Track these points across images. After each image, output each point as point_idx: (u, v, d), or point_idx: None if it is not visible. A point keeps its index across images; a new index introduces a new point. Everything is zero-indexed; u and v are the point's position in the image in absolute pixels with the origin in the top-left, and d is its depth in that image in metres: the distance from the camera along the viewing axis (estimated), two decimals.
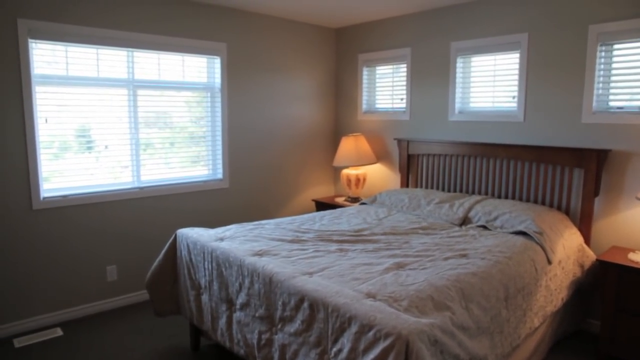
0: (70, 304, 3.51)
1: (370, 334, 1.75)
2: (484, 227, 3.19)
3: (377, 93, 4.74)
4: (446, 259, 2.53)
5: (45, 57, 3.28)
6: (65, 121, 3.39)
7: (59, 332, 3.30)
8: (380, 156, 4.71)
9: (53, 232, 3.39)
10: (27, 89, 3.18)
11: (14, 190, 3.19)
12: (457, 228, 3.21)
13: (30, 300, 3.33)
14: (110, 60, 3.55)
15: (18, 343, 3.13)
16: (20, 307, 3.29)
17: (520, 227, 3.00)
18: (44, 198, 3.34)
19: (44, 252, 3.36)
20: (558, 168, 3.36)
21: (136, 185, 3.78)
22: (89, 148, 3.53)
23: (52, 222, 3.37)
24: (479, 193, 3.81)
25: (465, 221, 3.31)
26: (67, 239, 3.45)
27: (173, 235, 3.04)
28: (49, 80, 3.30)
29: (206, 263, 2.71)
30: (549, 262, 2.79)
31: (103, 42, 3.46)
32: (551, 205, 3.40)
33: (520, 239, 2.87)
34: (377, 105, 4.75)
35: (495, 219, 3.18)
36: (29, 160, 3.22)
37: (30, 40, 3.17)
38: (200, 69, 4.07)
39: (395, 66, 4.52)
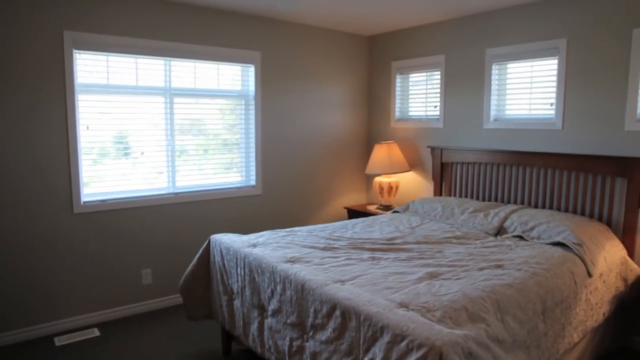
0: (107, 305, 3.61)
1: (403, 344, 1.73)
2: (520, 238, 3.11)
3: (410, 100, 4.71)
4: (481, 269, 2.47)
5: (88, 66, 3.41)
6: (104, 128, 3.51)
7: (96, 332, 3.39)
8: (413, 164, 4.67)
9: (92, 235, 3.50)
10: (71, 97, 3.31)
11: (57, 194, 3.32)
12: (492, 238, 3.14)
13: (70, 301, 3.44)
14: (148, 69, 3.65)
15: (59, 341, 3.24)
16: (61, 307, 3.41)
17: (559, 238, 2.91)
18: (84, 202, 3.45)
19: (83, 255, 3.47)
20: (599, 177, 3.24)
21: (171, 190, 3.86)
22: (126, 154, 3.64)
23: (91, 225, 3.49)
24: (515, 202, 3.72)
25: (500, 231, 3.24)
26: (104, 242, 3.56)
27: (207, 241, 3.09)
28: (90, 88, 3.42)
29: (239, 269, 2.74)
30: (590, 274, 2.69)
31: (142, 52, 3.58)
32: (591, 216, 3.29)
33: (558, 251, 2.78)
34: (410, 113, 4.71)
35: (532, 229, 3.10)
36: (71, 165, 3.35)
37: (74, 50, 3.31)
38: (234, 77, 4.14)
39: (429, 73, 4.48)
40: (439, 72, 4.35)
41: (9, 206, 3.16)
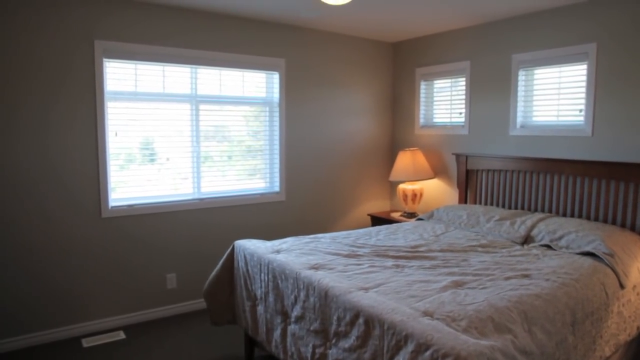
0: (132, 308, 3.66)
1: (427, 353, 1.70)
2: (548, 247, 3.04)
3: (434, 107, 4.68)
4: (507, 278, 2.42)
5: (117, 74, 3.49)
6: (131, 134, 3.59)
7: (121, 335, 3.45)
8: (438, 171, 4.62)
9: (118, 239, 3.57)
10: (100, 104, 3.39)
11: (86, 199, 3.40)
12: (518, 247, 3.08)
13: (97, 303, 3.51)
14: (175, 76, 3.72)
15: (86, 343, 3.31)
16: (88, 309, 3.48)
17: (588, 248, 2.83)
18: (112, 207, 3.52)
19: (110, 258, 3.54)
20: (631, 185, 3.15)
21: (196, 196, 3.91)
22: (152, 160, 3.71)
23: (118, 229, 3.55)
24: (542, 211, 3.64)
25: (527, 240, 3.17)
26: (130, 246, 3.62)
27: (231, 246, 3.11)
28: (119, 96, 3.50)
29: (262, 275, 2.75)
30: (622, 286, 2.61)
31: (169, 60, 3.65)
32: (623, 225, 3.19)
33: (588, 261, 2.71)
34: (435, 120, 4.68)
35: (560, 238, 3.02)
36: (99, 171, 3.43)
37: (104, 59, 3.39)
38: (259, 84, 4.18)
39: (453, 80, 4.44)
40: (464, 79, 4.31)
41: (40, 211, 3.25)
